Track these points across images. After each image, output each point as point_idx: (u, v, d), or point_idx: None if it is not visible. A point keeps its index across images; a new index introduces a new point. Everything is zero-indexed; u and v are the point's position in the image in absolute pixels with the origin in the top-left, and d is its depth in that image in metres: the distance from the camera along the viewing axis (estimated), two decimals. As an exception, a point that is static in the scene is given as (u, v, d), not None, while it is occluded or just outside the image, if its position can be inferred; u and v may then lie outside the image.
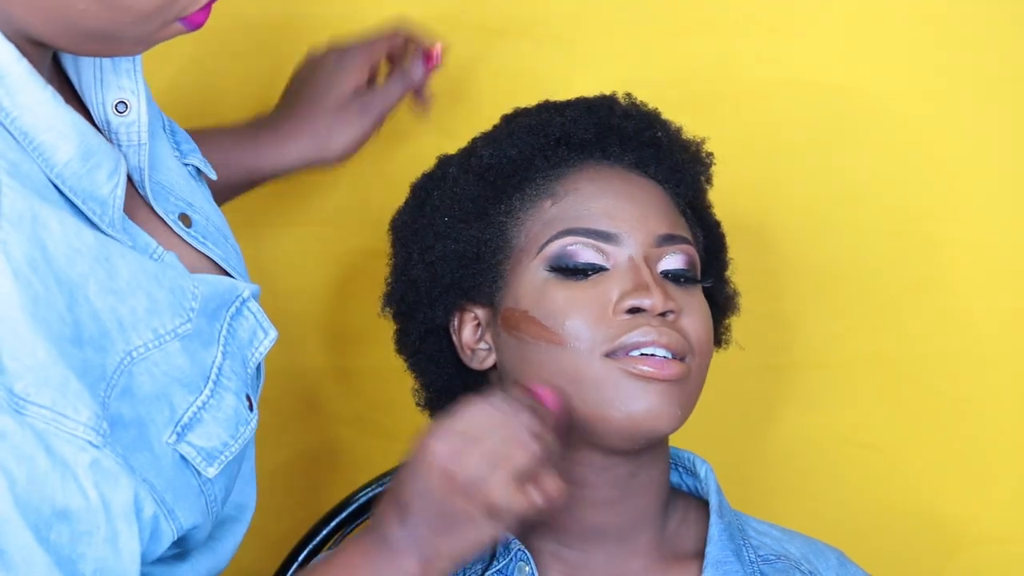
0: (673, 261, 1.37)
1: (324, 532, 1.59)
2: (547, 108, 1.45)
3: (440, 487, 1.22)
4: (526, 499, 1.22)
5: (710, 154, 1.46)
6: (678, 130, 1.45)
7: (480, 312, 1.41)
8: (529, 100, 1.56)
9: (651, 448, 1.37)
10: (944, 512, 1.76)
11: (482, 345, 1.41)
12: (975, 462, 1.76)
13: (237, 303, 1.25)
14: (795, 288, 1.73)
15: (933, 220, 1.74)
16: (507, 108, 1.51)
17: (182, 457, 1.18)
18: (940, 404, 1.75)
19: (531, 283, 1.36)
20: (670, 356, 1.33)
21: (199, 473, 1.19)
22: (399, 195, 1.71)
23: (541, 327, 1.34)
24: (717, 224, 1.49)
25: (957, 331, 1.75)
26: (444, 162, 1.46)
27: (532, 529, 1.38)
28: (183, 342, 1.17)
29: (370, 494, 1.59)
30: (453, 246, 1.40)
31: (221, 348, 1.21)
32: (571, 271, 1.36)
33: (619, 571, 1.39)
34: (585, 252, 1.36)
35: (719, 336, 1.48)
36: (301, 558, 1.58)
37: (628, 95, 1.45)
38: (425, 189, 1.46)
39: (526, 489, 1.22)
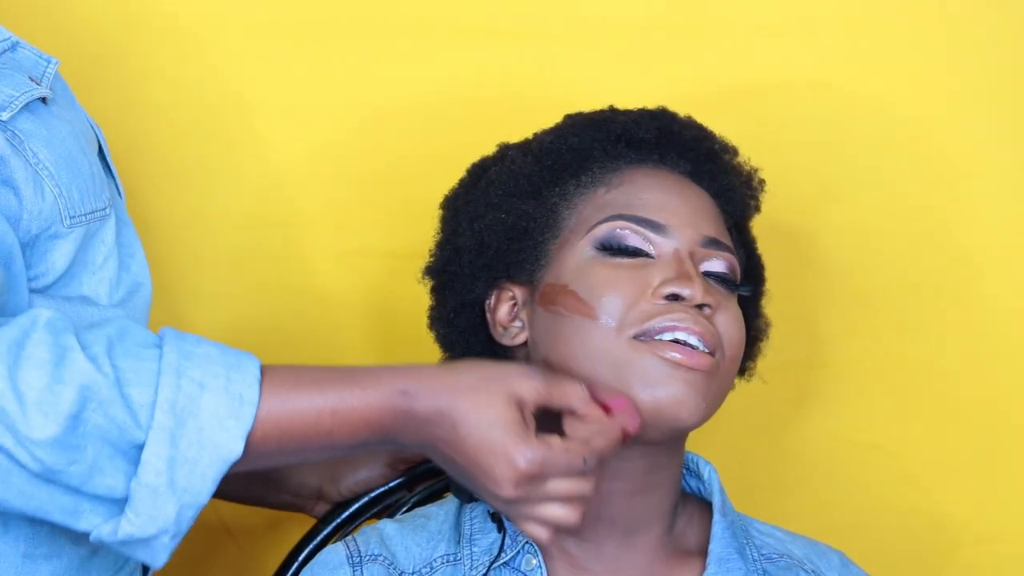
0: (716, 264, 1.39)
1: (325, 532, 1.59)
2: (610, 109, 1.48)
3: (492, 481, 1.23)
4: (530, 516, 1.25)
5: (762, 181, 1.48)
6: (735, 152, 1.48)
7: (518, 292, 1.42)
8: (530, 101, 1.57)
9: (670, 444, 1.38)
10: (944, 512, 1.76)
11: (516, 323, 1.42)
12: (975, 462, 1.76)
13: None
14: (795, 288, 1.73)
15: (933, 220, 1.75)
16: (508, 109, 1.52)
17: None
18: (941, 404, 1.76)
19: (576, 261, 1.38)
20: (701, 347, 1.34)
21: None
22: (401, 196, 1.72)
23: (578, 300, 1.35)
24: (759, 258, 1.51)
25: (957, 331, 1.75)
26: (503, 147, 1.49)
27: None
28: None
29: (372, 495, 1.59)
30: (504, 217, 1.41)
31: None
32: (617, 251, 1.37)
33: (624, 566, 1.39)
34: (633, 237, 1.38)
35: (744, 366, 1.49)
36: (302, 557, 1.57)
37: (689, 117, 1.47)
38: (482, 167, 1.48)
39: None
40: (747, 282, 1.46)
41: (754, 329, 1.49)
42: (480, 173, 1.48)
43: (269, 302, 1.76)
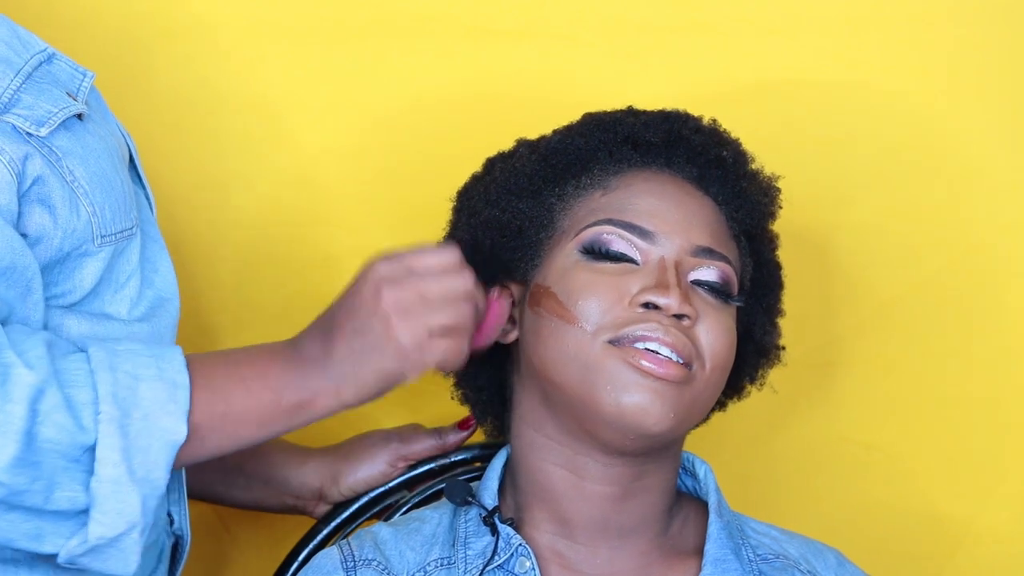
0: (707, 273, 1.38)
1: (324, 532, 1.59)
2: (625, 111, 1.47)
3: (369, 305, 1.26)
4: (432, 352, 1.27)
5: (778, 190, 1.47)
6: (750, 159, 1.46)
7: (515, 289, 1.42)
8: (529, 101, 1.56)
9: (654, 453, 1.38)
10: (944, 512, 1.76)
11: (510, 322, 1.42)
12: (975, 462, 1.76)
13: None
14: (795, 288, 1.72)
15: (933, 220, 1.75)
16: (507, 108, 1.52)
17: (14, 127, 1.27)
18: (940, 404, 1.76)
19: (561, 263, 1.38)
20: (674, 357, 1.33)
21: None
22: (408, 197, 1.72)
23: (557, 303, 1.36)
24: (777, 266, 1.50)
25: (957, 331, 1.75)
26: (519, 143, 1.49)
27: (534, 524, 1.40)
28: None
29: (372, 494, 1.60)
30: (499, 215, 1.42)
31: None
32: (600, 256, 1.37)
33: (619, 567, 1.39)
34: (619, 243, 1.37)
35: (752, 375, 1.49)
36: (301, 557, 1.58)
37: (713, 120, 1.46)
38: (493, 162, 1.48)
39: (435, 343, 1.27)
40: (754, 290, 1.45)
41: (765, 339, 1.48)
42: (489, 167, 1.48)
43: (275, 304, 1.76)
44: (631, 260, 1.37)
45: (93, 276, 1.32)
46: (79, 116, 1.32)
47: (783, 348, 1.50)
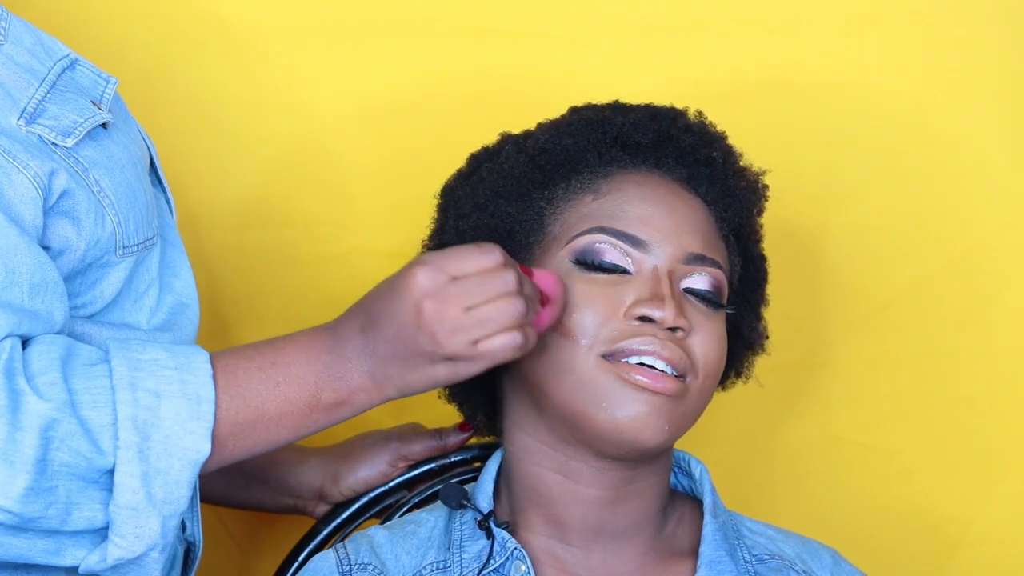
0: (699, 281, 1.37)
1: (324, 532, 1.59)
2: (613, 107, 1.45)
3: (412, 320, 1.24)
4: (485, 353, 1.25)
5: (766, 186, 1.45)
6: (738, 156, 1.45)
7: None
8: (528, 101, 1.56)
9: (646, 460, 1.37)
10: (944, 512, 1.76)
11: None
12: (975, 462, 1.76)
13: None
14: (794, 287, 1.73)
15: (932, 219, 1.75)
16: (508, 108, 1.51)
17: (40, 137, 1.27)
18: (940, 404, 1.76)
19: (553, 271, 1.36)
20: (669, 371, 1.33)
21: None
22: (402, 195, 1.72)
23: None
24: (762, 259, 1.49)
25: (956, 331, 1.75)
26: (504, 139, 1.47)
27: (529, 528, 1.40)
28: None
29: (371, 495, 1.60)
30: (488, 220, 1.40)
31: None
32: (594, 267, 1.36)
33: (615, 570, 1.39)
34: (612, 252, 1.36)
35: (740, 369, 1.48)
36: (301, 558, 1.58)
37: (699, 112, 1.45)
38: (478, 160, 1.46)
39: (487, 343, 1.25)
40: (741, 287, 1.45)
41: (752, 336, 1.47)
42: (475, 165, 1.46)
43: (268, 304, 1.77)
44: (624, 270, 1.36)
45: (114, 287, 1.31)
46: (103, 125, 1.32)
47: (767, 338, 1.50)
